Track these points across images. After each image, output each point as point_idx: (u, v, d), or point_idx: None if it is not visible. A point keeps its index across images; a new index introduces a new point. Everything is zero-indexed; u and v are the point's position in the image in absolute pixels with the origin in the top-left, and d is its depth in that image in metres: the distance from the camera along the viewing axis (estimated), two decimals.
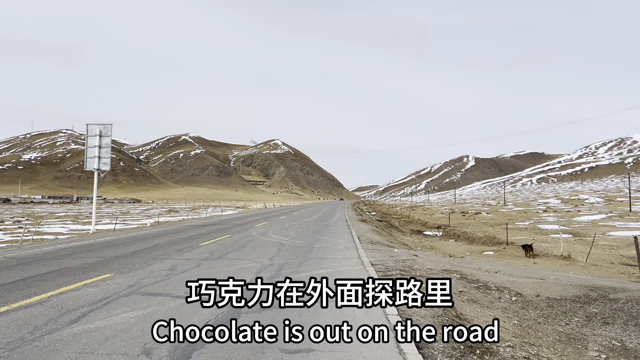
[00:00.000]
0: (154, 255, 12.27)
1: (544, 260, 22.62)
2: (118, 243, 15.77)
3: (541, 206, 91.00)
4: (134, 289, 7.58)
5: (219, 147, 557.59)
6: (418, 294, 5.09)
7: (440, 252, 27.81)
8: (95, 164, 22.32)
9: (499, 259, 24.41)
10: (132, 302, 6.68)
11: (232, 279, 4.91)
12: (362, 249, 14.98)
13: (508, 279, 12.70)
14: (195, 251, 13.31)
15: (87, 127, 22.40)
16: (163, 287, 7.80)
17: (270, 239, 17.84)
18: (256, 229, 23.93)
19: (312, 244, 16.19)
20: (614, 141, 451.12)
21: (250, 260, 11.46)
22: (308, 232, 22.22)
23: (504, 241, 30.99)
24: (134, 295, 7.12)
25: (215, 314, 6.04)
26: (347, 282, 4.88)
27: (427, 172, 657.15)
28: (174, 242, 16.22)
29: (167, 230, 22.84)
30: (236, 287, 4.84)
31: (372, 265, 11.39)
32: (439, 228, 47.17)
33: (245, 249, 13.97)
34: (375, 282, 5.08)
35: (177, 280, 8.64)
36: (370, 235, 22.29)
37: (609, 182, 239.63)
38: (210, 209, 79.82)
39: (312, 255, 12.74)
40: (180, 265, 10.39)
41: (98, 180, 23.44)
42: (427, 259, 13.62)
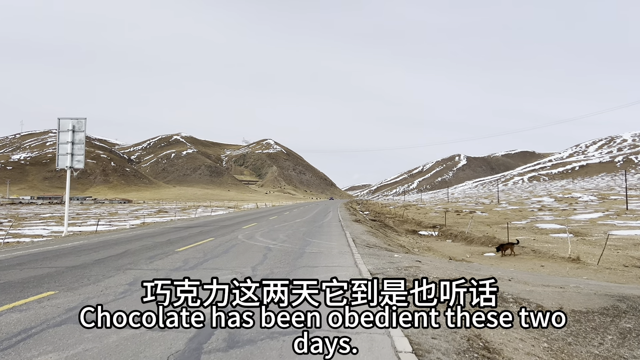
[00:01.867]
0: (118, 264, 10.61)
1: (550, 263, 21.19)
2: (85, 249, 14.09)
3: (535, 205, 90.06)
4: (72, 315, 5.93)
5: (211, 146, 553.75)
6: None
7: (438, 253, 26.33)
8: (68, 161, 20.53)
9: (502, 262, 22.96)
10: (61, 336, 5.04)
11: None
12: (359, 254, 13.42)
13: (524, 289, 11.18)
14: (168, 259, 11.66)
15: (59, 122, 20.61)
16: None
17: (257, 242, 16.22)
18: (243, 231, 22.29)
19: (302, 248, 14.61)
20: (603, 140, 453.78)
21: (229, 271, 9.84)
22: (299, 234, 20.63)
23: (504, 241, 29.59)
24: (68, 325, 5.47)
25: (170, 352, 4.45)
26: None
27: (419, 171, 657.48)
28: (149, 247, 14.55)
29: (146, 233, 21.13)
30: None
31: (372, 274, 9.86)
32: (434, 228, 45.81)
33: (226, 256, 12.34)
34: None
35: (133, 299, 7.01)
36: (366, 238, 20.73)
37: (599, 181, 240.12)
38: (200, 209, 78.00)
39: (302, 263, 11.16)
40: (144, 278, 8.76)
41: (71, 179, 21.66)
42: (431, 266, 12.08)
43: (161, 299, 4.33)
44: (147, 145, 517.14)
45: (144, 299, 4.39)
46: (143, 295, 4.39)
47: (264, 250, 13.74)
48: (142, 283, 4.55)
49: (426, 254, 25.95)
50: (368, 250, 15.01)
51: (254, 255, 12.62)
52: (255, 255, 12.62)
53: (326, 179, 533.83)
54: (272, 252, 13.46)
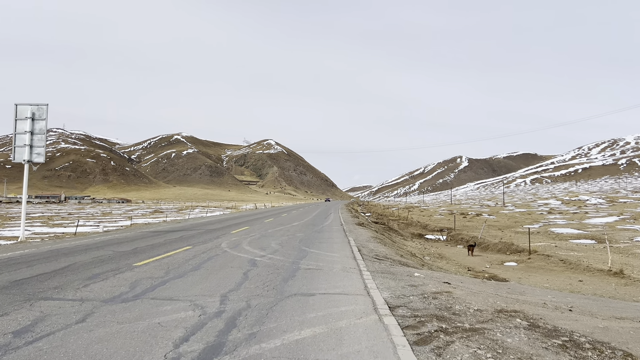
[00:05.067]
0: (36, 289, 7.64)
1: (588, 277, 18.19)
2: (22, 261, 11.11)
3: (543, 207, 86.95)
4: None
5: (212, 146, 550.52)
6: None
7: (453, 263, 23.34)
8: (26, 154, 17.56)
9: (529, 273, 19.97)
10: None
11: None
12: (368, 271, 10.44)
13: (595, 324, 8.17)
14: (114, 280, 8.68)
15: (16, 108, 17.62)
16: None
17: (242, 253, 13.20)
18: (230, 236, 19.27)
19: (296, 261, 11.64)
20: (606, 142, 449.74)
21: (188, 303, 6.86)
22: (294, 241, 17.61)
23: (523, 249, 26.58)
24: None
25: None
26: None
27: (420, 172, 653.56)
28: (103, 259, 11.56)
29: (115, 239, 18.11)
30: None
31: (391, 308, 6.91)
32: (441, 231, 42.88)
33: (193, 275, 9.34)
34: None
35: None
36: (373, 246, 17.68)
37: (603, 183, 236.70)
38: (197, 209, 75.16)
39: (292, 289, 8.18)
40: (46, 322, 5.77)
41: (29, 174, 18.69)
42: (466, 290, 9.10)
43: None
44: (148, 145, 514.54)
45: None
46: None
47: (247, 266, 10.74)
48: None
49: (439, 262, 22.96)
50: (378, 264, 12.01)
51: (232, 273, 9.62)
52: (232, 274, 9.62)
53: (327, 180, 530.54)
54: (257, 268, 10.47)
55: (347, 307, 6.88)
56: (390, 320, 6.18)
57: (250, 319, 6.04)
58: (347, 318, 6.21)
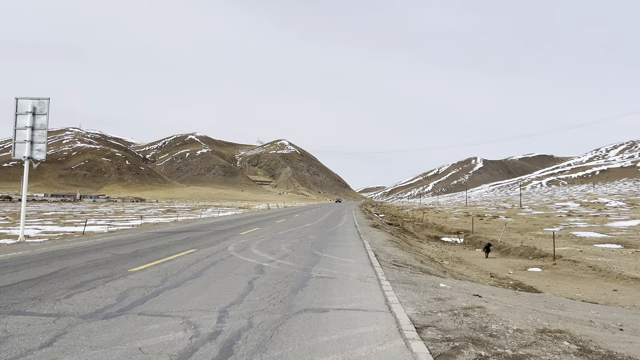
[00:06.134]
0: (7, 302, 6.64)
1: (623, 286, 16.87)
2: (11, 265, 10.28)
3: (561, 210, 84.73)
4: None
5: (226, 146, 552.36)
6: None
7: (474, 268, 22.11)
8: (26, 151, 16.79)
9: (556, 281, 18.67)
10: None
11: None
12: (387, 280, 9.36)
13: None
14: (103, 289, 7.73)
15: (17, 103, 16.86)
16: None
17: (249, 258, 12.20)
18: (239, 238, 18.30)
19: (308, 268, 10.61)
20: (625, 144, 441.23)
21: (180, 320, 5.87)
22: (306, 244, 16.57)
23: (547, 253, 25.21)
24: None
25: None
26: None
27: (434, 173, 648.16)
28: (99, 263, 10.66)
29: (118, 240, 17.23)
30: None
31: (417, 329, 5.84)
32: (458, 234, 41.54)
33: (192, 284, 8.36)
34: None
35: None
36: (391, 251, 16.55)
37: (621, 186, 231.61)
38: (209, 209, 74.68)
39: (303, 302, 7.15)
40: (5, 345, 4.81)
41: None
42: (500, 304, 7.99)
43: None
44: (162, 145, 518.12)
45: None
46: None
47: (253, 273, 9.73)
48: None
49: (459, 267, 21.76)
50: (398, 272, 10.91)
51: (235, 282, 8.62)
52: (236, 282, 8.61)
53: (340, 181, 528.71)
54: (264, 275, 9.45)
55: (366, 327, 5.82)
56: (419, 347, 5.11)
57: (251, 344, 5.01)
58: (366, 344, 5.14)
